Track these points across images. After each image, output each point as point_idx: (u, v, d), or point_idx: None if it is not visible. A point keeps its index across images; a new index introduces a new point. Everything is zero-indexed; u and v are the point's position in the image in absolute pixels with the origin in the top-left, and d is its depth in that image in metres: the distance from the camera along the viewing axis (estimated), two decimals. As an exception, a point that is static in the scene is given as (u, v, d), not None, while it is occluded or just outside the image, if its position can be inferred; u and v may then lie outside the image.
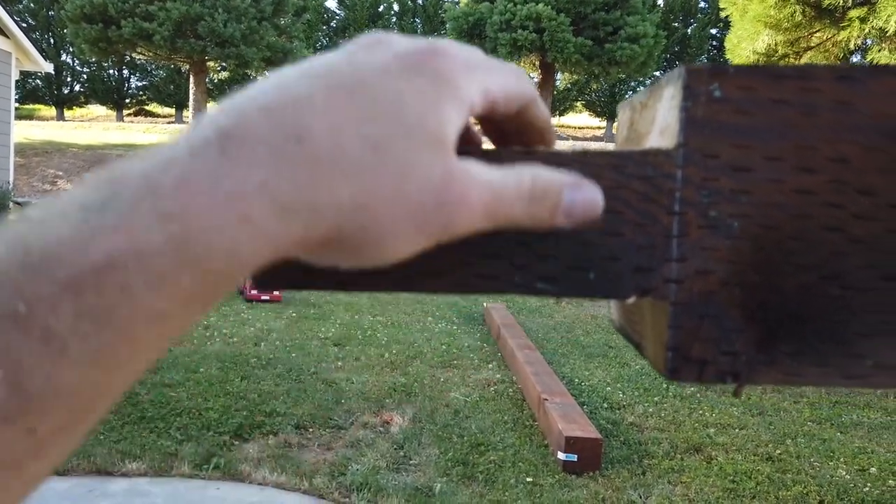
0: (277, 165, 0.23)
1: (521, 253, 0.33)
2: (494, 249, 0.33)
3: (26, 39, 12.40)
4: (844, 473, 3.57)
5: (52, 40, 33.19)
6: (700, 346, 0.33)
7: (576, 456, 3.39)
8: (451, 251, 0.33)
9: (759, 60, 13.81)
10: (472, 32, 21.34)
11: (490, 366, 5.23)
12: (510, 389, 4.67)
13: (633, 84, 31.86)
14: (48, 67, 13.77)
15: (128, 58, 25.40)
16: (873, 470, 3.62)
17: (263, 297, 6.98)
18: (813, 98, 0.32)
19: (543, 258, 0.33)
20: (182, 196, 0.21)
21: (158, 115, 34.86)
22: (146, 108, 35.51)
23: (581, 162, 0.33)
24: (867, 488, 3.40)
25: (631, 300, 0.34)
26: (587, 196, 0.30)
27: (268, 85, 0.24)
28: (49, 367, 0.20)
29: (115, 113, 33.62)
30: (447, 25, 22.55)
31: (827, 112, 0.32)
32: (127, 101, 34.35)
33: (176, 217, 0.21)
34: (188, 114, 21.82)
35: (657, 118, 0.36)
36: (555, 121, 29.18)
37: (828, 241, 0.33)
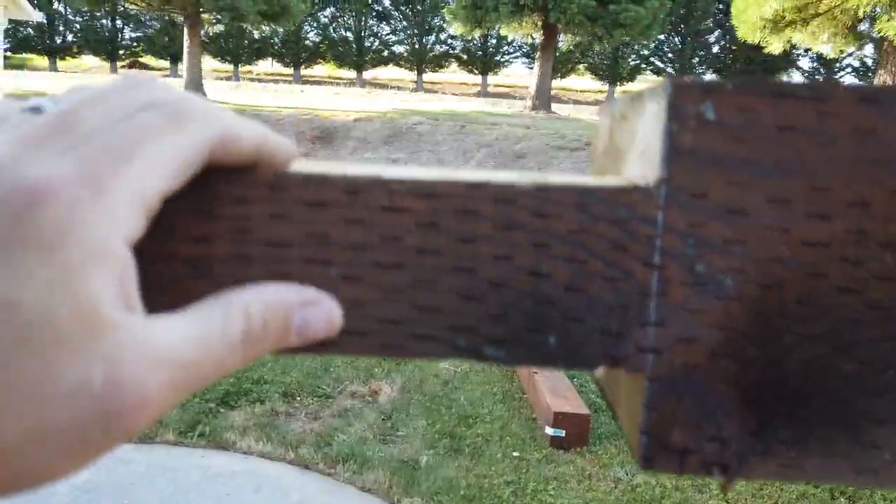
0: None
1: (465, 310, 0.27)
2: (433, 303, 0.27)
3: (14, -14, 12.09)
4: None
5: (43, -12, 32.43)
6: (681, 432, 0.27)
7: (563, 431, 3.38)
8: (378, 305, 0.27)
9: (765, 27, 13.63)
10: (474, -10, 20.84)
11: (481, 335, 5.22)
12: (501, 360, 4.67)
13: (636, 47, 31.45)
14: (38, 16, 13.50)
15: (121, 7, 24.85)
16: None
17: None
18: (829, 125, 0.25)
19: (494, 318, 0.27)
20: None
21: (153, 69, 34.32)
22: (140, 60, 34.93)
23: (538, 197, 0.26)
24: None
25: (599, 372, 0.28)
26: (323, 314, 0.24)
27: None
28: None
29: (108, 65, 33.07)
30: (448, -18, 22.03)
31: (845, 143, 0.25)
32: (121, 52, 33.77)
33: None
34: (182, 68, 21.38)
35: (637, 134, 0.29)
36: (556, 84, 28.81)
37: (841, 305, 0.26)
